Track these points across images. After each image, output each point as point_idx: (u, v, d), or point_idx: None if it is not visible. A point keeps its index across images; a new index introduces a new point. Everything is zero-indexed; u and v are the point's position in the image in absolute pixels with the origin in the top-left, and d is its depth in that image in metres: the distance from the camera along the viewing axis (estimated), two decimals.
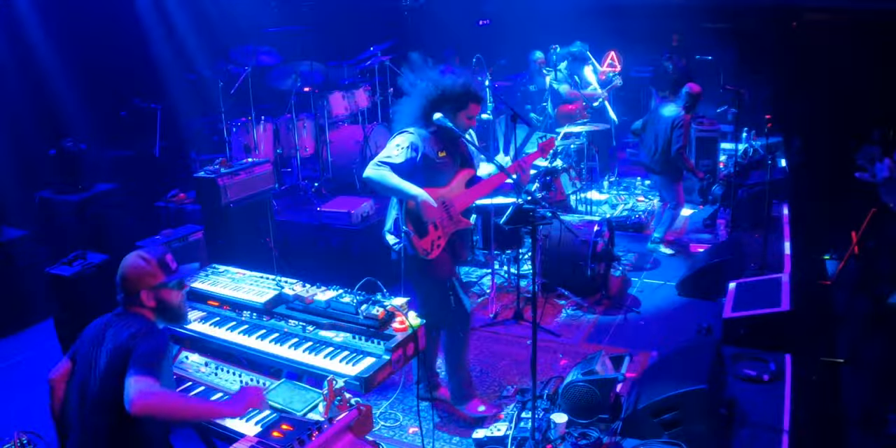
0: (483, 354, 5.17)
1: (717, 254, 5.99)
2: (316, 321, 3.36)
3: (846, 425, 4.38)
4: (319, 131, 7.72)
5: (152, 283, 2.75)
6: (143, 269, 2.75)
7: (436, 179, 3.96)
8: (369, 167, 3.82)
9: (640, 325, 5.58)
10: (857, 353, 4.99)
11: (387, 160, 3.81)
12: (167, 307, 2.81)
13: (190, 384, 3.16)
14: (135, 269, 2.75)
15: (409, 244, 3.84)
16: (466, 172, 4.12)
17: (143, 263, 2.76)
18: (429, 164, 3.92)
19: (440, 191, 3.95)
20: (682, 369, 3.95)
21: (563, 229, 5.62)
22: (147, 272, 2.75)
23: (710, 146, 8.47)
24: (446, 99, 3.90)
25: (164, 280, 2.78)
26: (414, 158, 3.86)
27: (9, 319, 5.63)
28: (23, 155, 6.73)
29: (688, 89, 6.57)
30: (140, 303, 2.74)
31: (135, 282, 2.74)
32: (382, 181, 3.78)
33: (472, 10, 11.25)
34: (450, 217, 3.99)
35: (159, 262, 2.78)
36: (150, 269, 2.76)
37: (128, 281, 2.75)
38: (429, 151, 3.92)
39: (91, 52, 7.15)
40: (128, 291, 2.75)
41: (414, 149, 3.86)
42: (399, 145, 3.86)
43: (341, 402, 2.77)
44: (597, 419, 3.87)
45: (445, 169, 4.02)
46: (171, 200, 6.99)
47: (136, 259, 2.77)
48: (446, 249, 4.03)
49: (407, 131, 3.96)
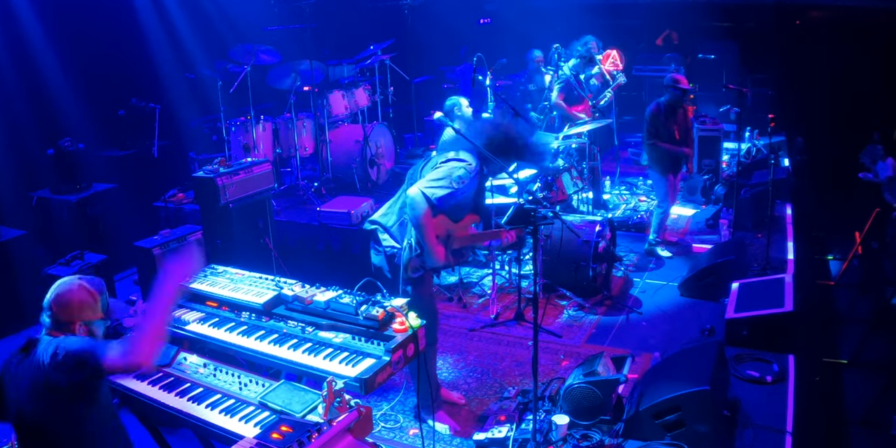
0: (484, 355, 5.14)
1: (720, 254, 5.95)
2: (315, 322, 3.34)
3: (849, 426, 4.35)
4: (319, 131, 7.69)
5: (91, 317, 2.67)
6: (87, 302, 2.66)
7: (456, 213, 3.98)
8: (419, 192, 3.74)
9: (642, 325, 5.55)
10: (860, 354, 4.97)
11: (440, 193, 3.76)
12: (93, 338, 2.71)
13: (188, 385, 3.13)
14: (78, 300, 2.65)
15: (407, 258, 3.87)
16: (474, 217, 4.16)
17: (88, 297, 2.67)
18: (464, 199, 3.94)
19: (450, 225, 3.98)
20: (685, 370, 3.92)
21: (565, 229, 5.59)
22: (89, 306, 2.67)
23: (712, 146, 8.44)
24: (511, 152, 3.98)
25: (102, 317, 2.72)
26: (463, 192, 3.86)
27: (6, 320, 5.59)
28: (20, 154, 6.69)
29: (667, 79, 6.56)
30: (69, 332, 2.63)
31: (74, 312, 2.64)
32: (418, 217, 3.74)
33: (472, 9, 11.23)
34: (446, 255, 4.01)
35: (102, 298, 2.72)
36: (92, 304, 2.68)
37: (66, 310, 2.63)
38: (473, 190, 3.96)
39: (89, 50, 7.13)
40: (60, 319, 2.63)
41: (471, 183, 3.88)
42: (461, 178, 3.82)
43: (341, 404, 2.75)
44: (598, 421, 3.85)
45: (467, 208, 4.05)
46: (170, 200, 6.97)
47: (80, 291, 2.66)
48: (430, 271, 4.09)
49: (467, 162, 3.90)
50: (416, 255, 3.88)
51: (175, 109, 7.85)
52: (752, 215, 6.88)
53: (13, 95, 6.69)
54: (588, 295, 5.87)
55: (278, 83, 7.79)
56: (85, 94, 7.11)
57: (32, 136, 6.77)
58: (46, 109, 6.93)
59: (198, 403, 3.00)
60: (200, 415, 2.94)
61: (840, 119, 8.47)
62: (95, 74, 7.17)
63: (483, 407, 4.50)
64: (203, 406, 2.98)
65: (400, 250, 3.92)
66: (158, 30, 7.94)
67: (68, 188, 6.55)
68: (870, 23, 8.90)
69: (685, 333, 5.24)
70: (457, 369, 4.97)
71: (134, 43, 7.68)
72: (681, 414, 3.61)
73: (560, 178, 6.32)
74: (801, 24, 10.11)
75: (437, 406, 4.27)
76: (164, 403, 3.03)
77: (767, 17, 10.17)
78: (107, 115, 7.37)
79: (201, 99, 7.81)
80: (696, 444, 3.57)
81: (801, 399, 4.08)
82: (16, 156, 6.66)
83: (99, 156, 7.24)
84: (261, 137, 7.26)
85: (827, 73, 9.01)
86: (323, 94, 7.73)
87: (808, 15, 10.12)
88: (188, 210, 6.88)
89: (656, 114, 6.53)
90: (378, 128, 7.88)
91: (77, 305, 2.64)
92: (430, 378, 4.22)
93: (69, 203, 6.46)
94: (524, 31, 9.98)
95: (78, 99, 7.07)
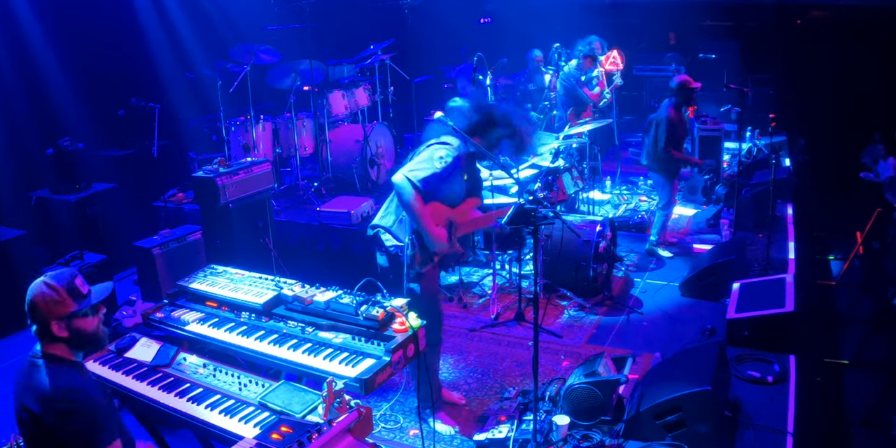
0: (484, 356, 5.13)
1: (721, 254, 5.94)
2: (315, 322, 3.32)
3: (851, 427, 4.34)
4: (319, 130, 7.68)
5: (62, 312, 2.50)
6: (51, 297, 2.49)
7: (451, 198, 3.97)
8: (403, 177, 3.77)
9: (643, 326, 5.53)
10: (861, 355, 4.96)
11: (423, 174, 3.77)
12: (82, 336, 2.57)
13: (188, 385, 3.11)
14: (42, 298, 2.49)
15: (411, 253, 3.84)
16: (475, 201, 4.16)
17: (50, 292, 2.50)
18: (454, 181, 3.92)
19: (450, 212, 3.98)
20: (686, 371, 3.91)
21: (565, 229, 5.58)
22: (55, 301, 2.49)
23: (713, 145, 8.43)
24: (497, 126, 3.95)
25: (76, 309, 2.52)
26: (450, 172, 3.84)
27: (5, 320, 5.59)
28: (20, 154, 6.69)
29: (674, 82, 6.50)
30: (52, 336, 2.51)
31: (44, 312, 2.50)
32: (409, 203, 3.75)
33: (473, 9, 11.21)
34: (450, 240, 3.99)
35: (68, 289, 2.52)
36: (58, 298, 2.50)
37: (36, 312, 2.50)
38: (461, 170, 3.93)
39: (89, 50, 7.12)
40: (38, 323, 2.52)
41: (455, 163, 3.85)
42: (443, 159, 3.82)
43: (341, 404, 2.73)
44: (599, 421, 3.84)
45: (462, 191, 4.03)
46: (170, 200, 6.96)
47: (41, 287, 2.51)
48: (438, 265, 4.06)
49: (448, 143, 3.92)
50: (419, 248, 3.86)
51: (175, 109, 7.84)
52: (753, 215, 6.87)
53: (13, 95, 6.68)
54: (589, 295, 5.86)
55: (278, 83, 7.77)
56: (84, 93, 7.10)
57: (32, 135, 6.76)
58: (46, 109, 6.92)
59: (197, 404, 2.99)
60: (200, 415, 2.93)
61: (841, 119, 8.46)
62: (95, 74, 7.16)
63: (483, 407, 4.49)
64: (203, 406, 2.97)
65: (403, 247, 3.91)
66: (158, 29, 7.93)
67: (68, 188, 6.54)
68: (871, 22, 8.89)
69: (686, 334, 5.23)
70: (457, 369, 4.96)
71: (134, 42, 7.67)
72: (682, 414, 3.60)
73: (561, 178, 6.31)
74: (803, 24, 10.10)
75: (437, 406, 4.26)
76: (164, 404, 3.01)
77: (769, 17, 10.16)
78: (106, 114, 7.36)
79: (201, 98, 7.80)
80: (697, 445, 3.56)
81: (802, 399, 4.07)
82: (15, 155, 6.65)
83: (98, 155, 7.23)
84: (261, 137, 7.25)
85: (828, 72, 9.00)
86: (323, 94, 7.72)
87: (810, 14, 10.11)
88: (188, 210, 6.87)
89: (675, 121, 6.41)
90: (378, 128, 7.87)
91: (42, 304, 2.50)
92: (432, 378, 4.21)
93: (69, 203, 6.45)
94: (524, 31, 9.97)
95: (77, 98, 7.06)
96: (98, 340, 2.65)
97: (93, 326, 2.60)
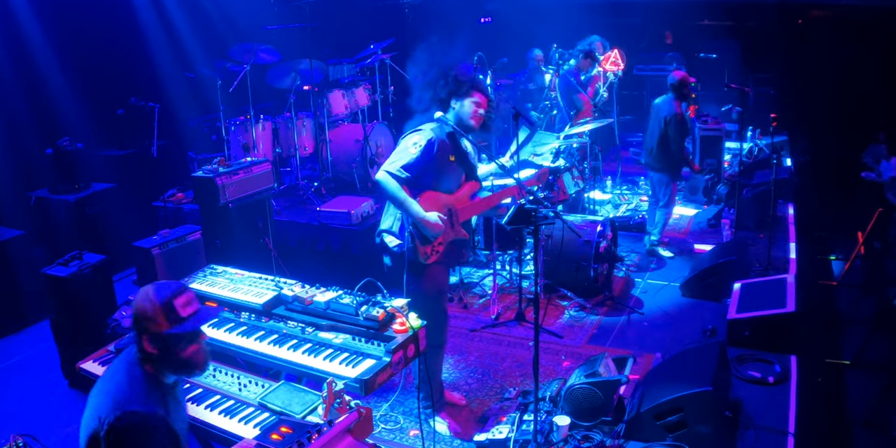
0: (485, 356, 5.12)
1: (722, 254, 5.93)
2: (315, 322, 3.32)
3: (852, 427, 4.33)
4: (319, 130, 7.66)
5: (154, 330, 2.25)
6: (144, 312, 2.26)
7: (444, 183, 3.95)
8: (382, 172, 3.78)
9: (644, 326, 5.52)
10: (863, 355, 4.96)
11: (401, 162, 3.76)
12: (173, 359, 2.30)
13: (188, 386, 3.10)
14: (139, 308, 2.27)
15: (412, 246, 3.80)
16: (473, 185, 4.13)
17: (147, 305, 2.25)
18: (441, 165, 3.89)
19: (447, 198, 3.95)
20: (687, 371, 3.90)
21: (566, 229, 5.56)
22: (148, 317, 2.25)
23: (714, 145, 8.42)
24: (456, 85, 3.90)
25: (166, 331, 2.25)
26: (430, 155, 3.82)
27: (5, 321, 5.59)
28: (19, 154, 6.68)
29: (674, 78, 6.48)
30: (143, 349, 2.29)
31: (139, 323, 2.28)
32: (393, 195, 3.75)
33: (473, 8, 11.20)
34: (451, 226, 3.96)
35: (164, 307, 2.25)
36: (150, 315, 2.25)
37: (134, 319, 2.29)
38: (443, 152, 3.89)
39: (88, 49, 7.10)
40: (135, 330, 2.30)
41: (430, 146, 3.82)
42: (417, 143, 3.82)
43: (341, 405, 2.73)
44: (600, 422, 3.83)
45: (454, 175, 4.00)
46: (169, 200, 6.95)
47: (143, 295, 2.28)
48: (444, 255, 4.00)
49: (421, 129, 3.92)
50: (420, 239, 3.82)
51: (174, 109, 7.82)
52: (754, 215, 6.86)
53: (12, 94, 6.67)
54: (589, 295, 5.85)
55: (278, 82, 7.76)
56: (84, 93, 7.09)
57: (31, 135, 6.74)
58: (45, 108, 6.91)
59: (197, 404, 2.98)
60: (200, 416, 2.92)
61: (842, 118, 8.46)
62: (94, 73, 7.15)
63: (484, 407, 4.48)
64: (202, 407, 2.97)
65: (404, 244, 3.88)
66: (158, 29, 7.91)
67: (67, 188, 6.52)
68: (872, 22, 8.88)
69: (687, 334, 5.22)
70: (457, 370, 4.95)
71: (133, 42, 7.65)
72: (682, 415, 3.59)
73: (561, 178, 6.30)
74: (804, 23, 10.09)
75: (438, 407, 4.24)
76: None
77: (770, 16, 10.16)
78: (106, 114, 7.34)
79: (201, 98, 7.78)
80: (698, 445, 3.55)
81: (803, 400, 4.06)
82: (14, 155, 6.64)
83: (98, 155, 7.22)
84: (260, 137, 7.23)
85: (829, 72, 9.00)
86: (323, 94, 7.70)
87: (811, 14, 10.10)
88: (187, 210, 6.86)
89: (683, 118, 6.37)
90: (378, 127, 7.85)
91: (139, 313, 2.27)
92: (433, 379, 4.20)
93: (68, 203, 6.44)
94: (525, 31, 9.96)
95: (77, 98, 7.04)
96: (194, 366, 2.36)
97: (187, 353, 2.31)
